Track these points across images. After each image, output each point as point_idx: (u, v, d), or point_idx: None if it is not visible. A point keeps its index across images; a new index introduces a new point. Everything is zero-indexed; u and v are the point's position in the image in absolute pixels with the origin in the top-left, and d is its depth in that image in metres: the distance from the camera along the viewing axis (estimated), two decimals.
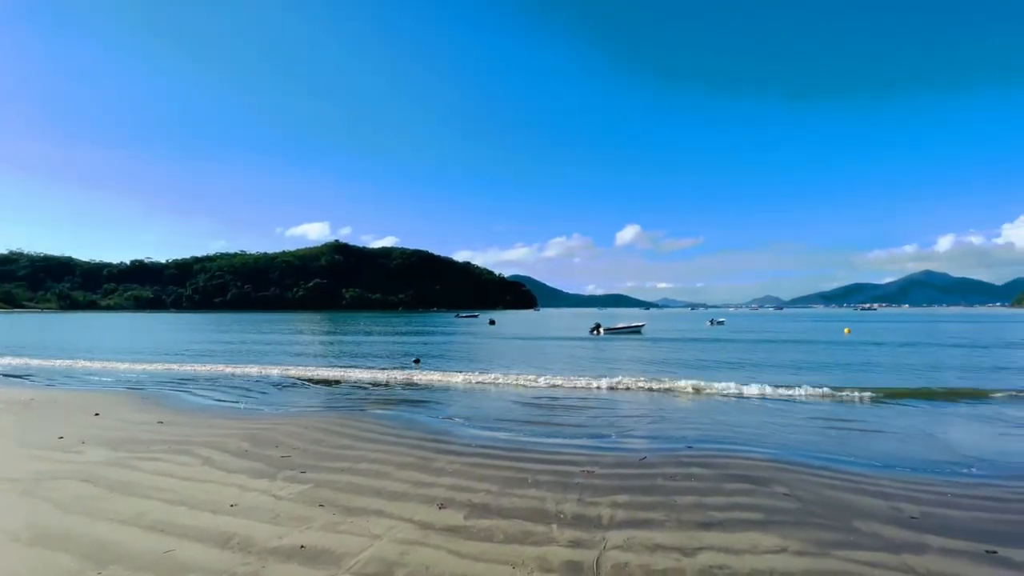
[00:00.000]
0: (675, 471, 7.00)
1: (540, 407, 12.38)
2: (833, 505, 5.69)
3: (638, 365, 21.27)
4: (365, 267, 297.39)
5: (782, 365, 21.25)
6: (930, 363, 21.34)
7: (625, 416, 11.29)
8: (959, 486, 6.51)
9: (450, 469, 7.12)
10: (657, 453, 8.03)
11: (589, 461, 7.55)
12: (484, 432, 9.62)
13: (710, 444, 8.61)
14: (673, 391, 14.52)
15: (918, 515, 5.42)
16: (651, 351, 27.95)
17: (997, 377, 17.32)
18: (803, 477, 6.73)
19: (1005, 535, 4.92)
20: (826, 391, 13.91)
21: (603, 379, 15.56)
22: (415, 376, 17.75)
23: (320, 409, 12.18)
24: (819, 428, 10.05)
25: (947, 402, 12.82)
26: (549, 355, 26.49)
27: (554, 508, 5.61)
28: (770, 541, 4.71)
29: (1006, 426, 10.23)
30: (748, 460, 7.54)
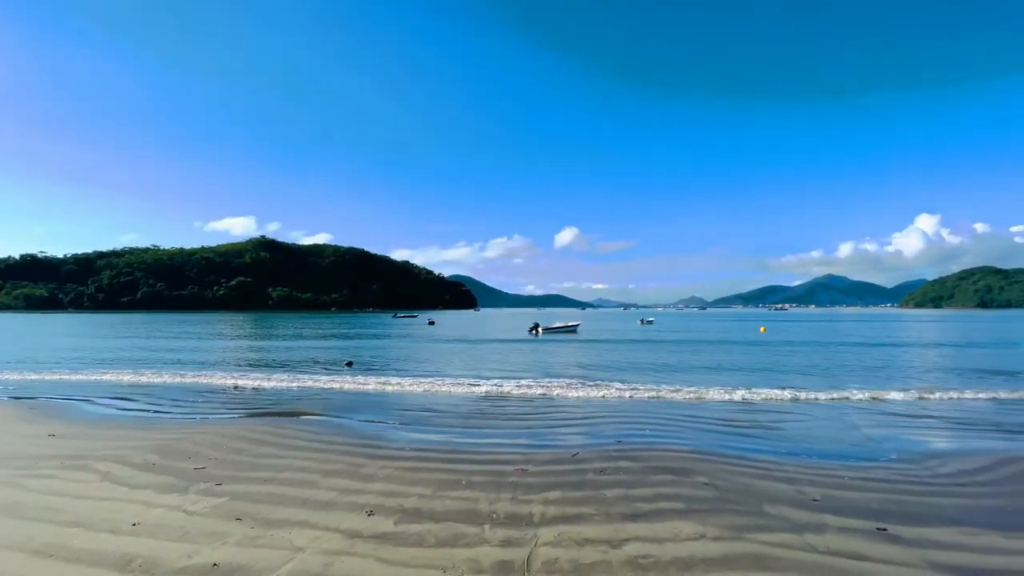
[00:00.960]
0: (605, 465, 7.23)
1: (476, 409, 12.35)
2: (747, 491, 6.11)
3: (574, 368, 21.77)
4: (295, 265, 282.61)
5: (704, 367, 22.58)
6: (832, 362, 23.59)
7: (560, 416, 11.51)
8: (855, 470, 7.22)
9: (381, 474, 6.91)
10: (589, 449, 8.25)
11: (523, 459, 7.62)
12: (419, 435, 9.44)
13: (638, 439, 8.97)
14: (606, 395, 15.00)
15: (819, 497, 5.94)
16: (586, 353, 28.71)
17: (885, 373, 19.43)
18: (720, 466, 7.18)
19: (893, 513, 5.49)
20: (743, 391, 14.95)
21: (540, 381, 15.81)
22: (347, 380, 17.13)
23: (242, 417, 11.42)
24: (735, 423, 10.78)
25: (846, 398, 14.17)
26: (487, 357, 26.52)
27: (487, 508, 5.60)
28: (690, 528, 4.98)
29: (896, 418, 11.49)
30: (672, 452, 7.94)
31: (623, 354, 27.20)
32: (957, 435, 9.45)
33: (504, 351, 28.93)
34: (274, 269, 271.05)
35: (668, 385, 15.49)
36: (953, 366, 21.03)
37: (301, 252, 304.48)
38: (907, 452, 8.18)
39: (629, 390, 14.75)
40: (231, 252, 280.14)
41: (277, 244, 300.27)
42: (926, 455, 7.96)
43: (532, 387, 15.31)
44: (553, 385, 15.56)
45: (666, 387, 15.12)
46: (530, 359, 24.83)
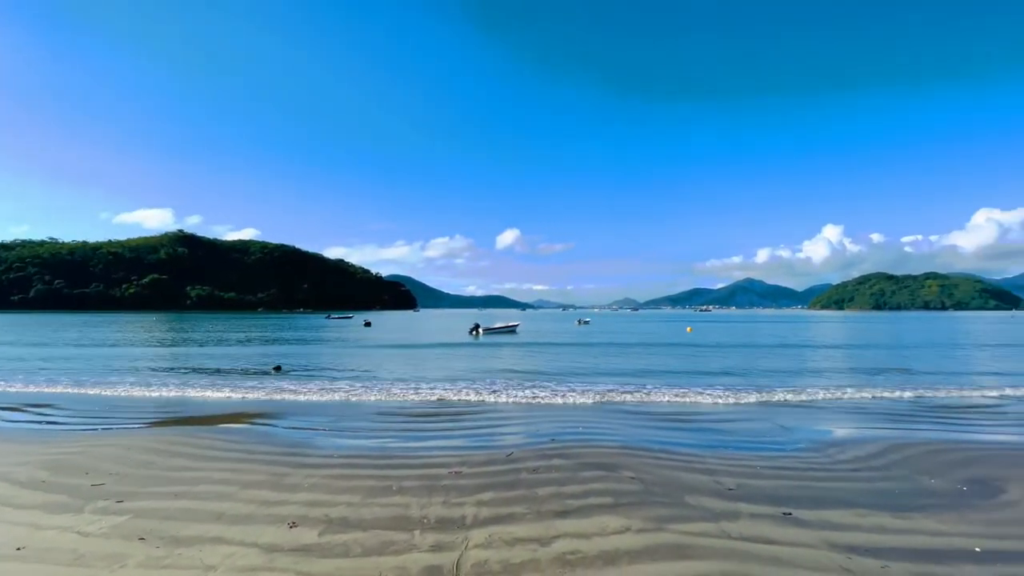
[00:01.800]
0: (538, 464, 7.32)
1: (412, 414, 12.11)
2: (670, 484, 6.41)
3: (512, 371, 21.92)
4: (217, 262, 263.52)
5: (636, 368, 23.55)
6: (751, 362, 25.39)
7: (497, 417, 11.52)
8: (767, 459, 7.77)
9: (307, 484, 6.58)
10: (524, 448, 8.32)
11: (458, 462, 7.54)
12: (349, 441, 9.10)
13: (571, 436, 9.16)
14: (543, 396, 15.22)
15: (734, 486, 6.35)
16: (525, 354, 28.98)
17: (798, 371, 21.19)
18: (646, 461, 7.49)
19: (798, 499, 5.96)
20: (671, 390, 15.73)
21: (477, 383, 15.76)
22: (274, 386, 16.22)
23: (151, 426, 10.49)
24: (663, 419, 11.31)
25: (765, 394, 15.27)
26: (425, 360, 26.09)
27: (418, 513, 5.49)
28: (617, 522, 5.14)
29: (806, 411, 12.53)
30: (603, 448, 8.18)
31: (560, 355, 27.71)
32: (856, 426, 10.43)
33: (443, 353, 28.59)
34: (193, 266, 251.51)
35: (603, 385, 16.04)
36: (855, 364, 23.33)
37: (224, 248, 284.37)
38: (813, 442, 8.94)
39: (565, 390, 15.06)
40: (144, 247, 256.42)
41: (197, 239, 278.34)
42: (828, 444, 8.73)
43: (469, 390, 15.23)
44: (491, 387, 15.59)
45: (601, 387, 15.60)
46: (469, 361, 24.70)
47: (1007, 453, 8.02)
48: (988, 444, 8.69)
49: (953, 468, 7.20)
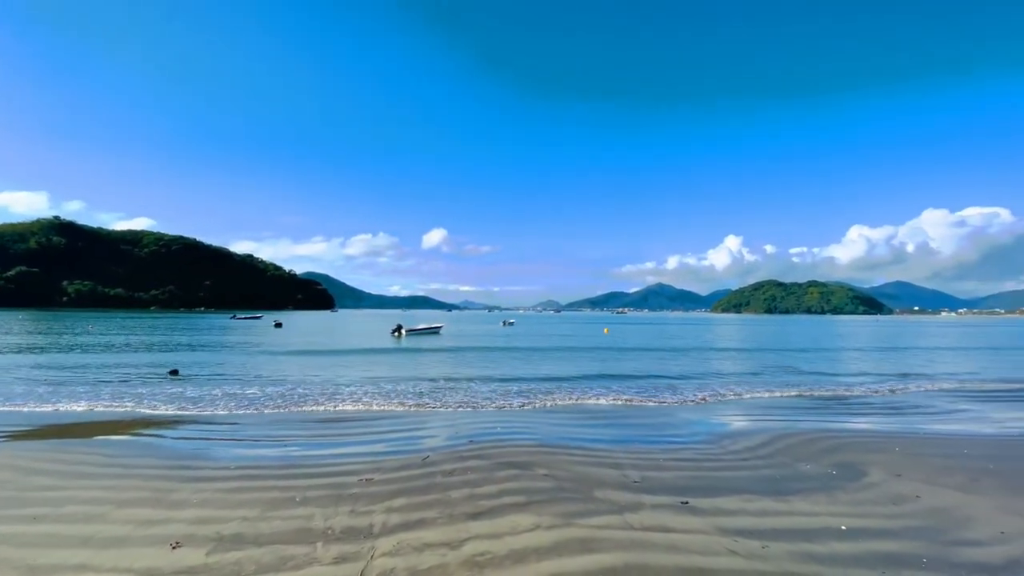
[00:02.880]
0: (454, 466, 7.23)
1: (323, 419, 11.51)
2: (581, 479, 6.61)
3: (431, 372, 21.62)
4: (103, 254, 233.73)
5: (556, 368, 24.16)
6: (663, 362, 27.03)
7: (414, 421, 11.26)
8: (669, 452, 8.27)
9: (196, 499, 6.00)
10: (440, 451, 8.19)
11: (370, 468, 7.26)
12: (249, 451, 8.44)
13: (489, 437, 9.17)
14: (463, 398, 15.12)
15: (639, 479, 6.68)
16: (447, 356, 28.70)
17: (703, 369, 22.87)
18: (561, 458, 7.68)
19: (694, 488, 6.39)
20: (588, 387, 16.29)
21: (396, 386, 15.30)
22: (167, 393, 14.70)
23: (10, 441, 9.05)
24: (579, 416, 11.69)
25: (673, 391, 16.27)
26: (341, 362, 24.94)
27: (322, 525, 5.19)
28: (528, 520, 5.21)
29: (709, 407, 13.49)
30: (519, 448, 8.27)
31: (483, 357, 27.75)
32: (748, 419, 11.42)
33: (361, 355, 27.50)
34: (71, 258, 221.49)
35: (523, 385, 16.29)
36: (750, 364, 25.63)
37: (112, 239, 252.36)
38: (710, 435, 9.65)
39: (486, 390, 15.08)
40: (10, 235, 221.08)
41: (77, 227, 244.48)
42: (722, 436, 9.47)
43: (387, 393, 14.78)
44: (410, 390, 15.24)
45: (521, 386, 15.81)
46: (388, 364, 23.97)
47: (870, 440, 9.15)
48: (855, 432, 9.89)
49: (825, 454, 8.10)
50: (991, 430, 10.09)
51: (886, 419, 11.30)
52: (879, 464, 7.49)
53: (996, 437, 9.45)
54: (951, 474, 6.99)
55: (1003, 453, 8.18)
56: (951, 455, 7.99)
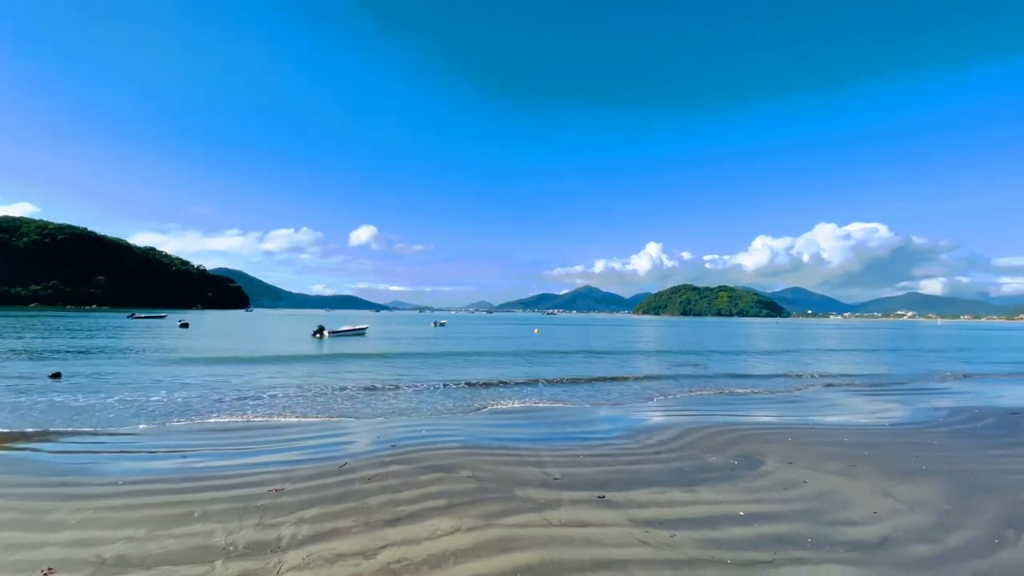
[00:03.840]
0: (374, 472, 6.98)
1: (230, 428, 10.69)
2: (503, 479, 6.64)
3: (354, 380, 20.84)
4: None
5: (484, 374, 24.19)
6: (589, 362, 27.92)
7: (333, 427, 10.77)
8: (590, 448, 8.53)
9: (75, 519, 5.33)
10: (360, 457, 7.87)
11: (281, 478, 6.82)
12: (142, 464, 7.63)
13: (413, 441, 8.96)
14: (387, 402, 14.70)
15: (560, 476, 6.82)
16: (370, 358, 27.81)
17: (623, 369, 23.89)
18: (484, 459, 7.66)
19: (611, 482, 6.63)
20: (516, 393, 16.44)
21: (313, 390, 14.52)
22: (47, 400, 12.95)
23: None
24: (505, 417, 11.75)
25: (596, 389, 16.81)
26: (254, 364, 23.32)
27: (223, 541, 4.80)
28: (448, 524, 5.13)
29: (629, 404, 14.07)
30: (443, 451, 8.15)
31: (411, 359, 27.18)
32: (663, 414, 12.06)
33: (276, 358, 25.88)
34: None
35: (451, 386, 16.12)
36: (668, 363, 27.13)
37: None
38: (628, 430, 10.08)
39: (411, 392, 14.75)
40: None
41: None
42: (639, 431, 9.93)
43: (303, 397, 14.02)
44: (330, 394, 14.56)
45: (450, 387, 15.64)
46: (307, 366, 22.75)
47: (767, 432, 9.99)
48: (755, 425, 10.75)
49: (729, 446, 8.73)
50: (866, 420, 11.39)
51: (782, 412, 12.41)
52: (774, 454, 8.20)
53: (870, 427, 10.68)
54: (833, 460, 7.80)
55: (876, 441, 9.26)
56: (834, 443, 8.92)
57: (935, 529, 5.25)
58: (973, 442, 9.19)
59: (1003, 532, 5.17)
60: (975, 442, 9.19)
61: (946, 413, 12.16)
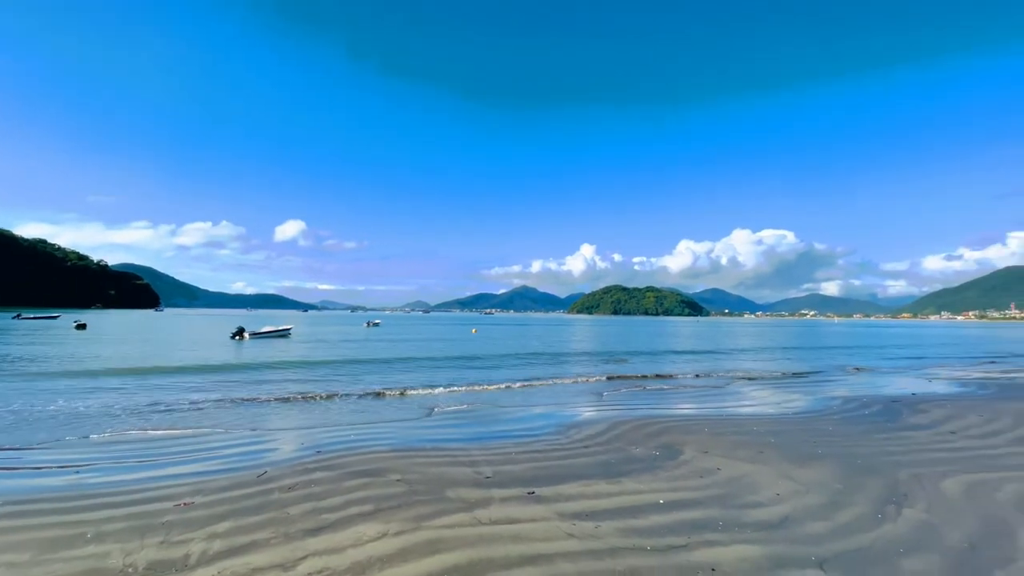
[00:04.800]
0: (296, 480, 6.65)
1: (132, 439, 9.76)
2: (434, 481, 6.56)
3: (274, 383, 19.77)
4: None
5: (417, 376, 23.81)
6: (524, 361, 28.25)
7: (252, 434, 10.13)
8: (522, 445, 8.64)
9: None
10: (281, 465, 7.46)
11: (191, 491, 6.32)
12: (26, 481, 6.79)
13: (340, 445, 8.63)
14: (312, 407, 14.08)
15: (491, 474, 6.85)
16: (297, 364, 26.48)
17: (560, 368, 24.39)
18: (416, 461, 7.53)
19: (540, 478, 6.75)
20: (449, 387, 16.32)
21: (228, 394, 13.58)
22: None
23: None
24: (438, 419, 11.61)
25: (528, 388, 17.03)
26: (161, 365, 21.43)
27: (121, 563, 4.37)
28: (374, 529, 4.99)
29: (561, 400, 14.37)
30: (372, 454, 7.92)
31: (340, 361, 26.17)
32: (594, 409, 12.46)
33: (190, 362, 23.94)
34: None
35: (382, 387, 15.71)
36: (600, 360, 28.05)
37: None
38: (560, 426, 10.32)
39: (337, 396, 14.21)
40: None
41: None
42: (570, 427, 10.20)
43: (218, 403, 13.09)
44: (248, 400, 13.70)
45: (379, 389, 15.23)
46: (223, 370, 21.23)
47: (687, 423, 10.60)
48: (677, 417, 11.38)
49: (652, 438, 9.18)
50: (773, 410, 12.41)
51: (701, 405, 13.23)
52: (692, 444, 8.72)
53: (776, 416, 11.64)
54: (744, 448, 8.42)
55: (781, 428, 10.10)
56: (745, 432, 9.64)
57: (828, 507, 5.81)
58: (861, 428, 10.28)
59: (885, 508, 5.81)
60: (863, 428, 10.28)
61: (840, 402, 13.52)
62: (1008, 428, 10.09)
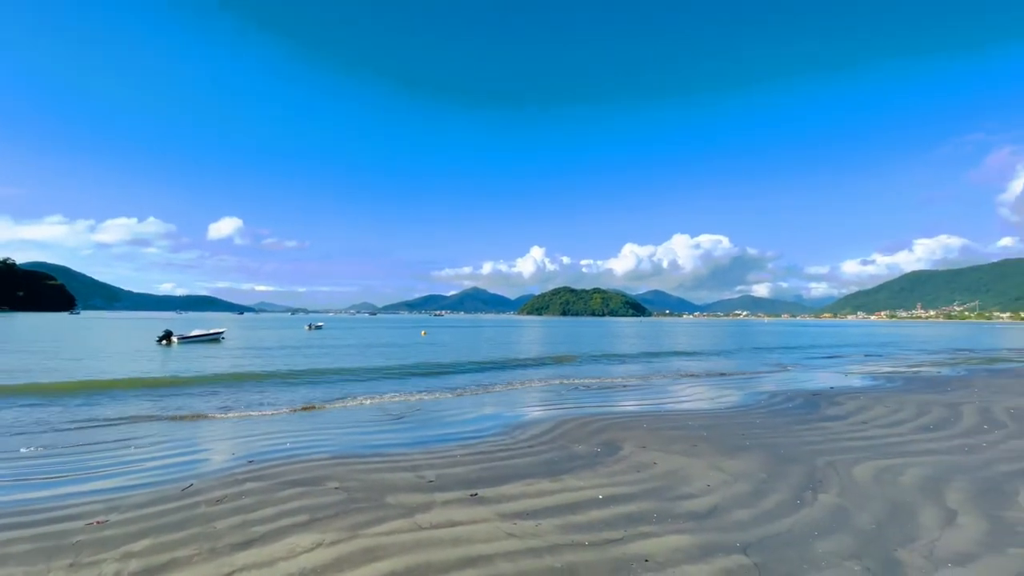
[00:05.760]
0: (225, 492, 6.29)
1: (34, 456, 8.90)
2: (374, 487, 6.40)
3: (205, 388, 18.67)
4: None
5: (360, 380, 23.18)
6: (475, 363, 28.12)
7: (176, 444, 9.48)
8: (467, 447, 8.60)
9: None
10: (208, 477, 7.03)
11: (105, 508, 5.83)
12: None
13: (276, 454, 8.24)
14: (246, 414, 13.38)
15: (434, 478, 6.78)
16: (230, 373, 25.07)
17: (513, 369, 24.46)
18: (355, 467, 7.33)
19: (485, 479, 6.75)
20: (394, 394, 16.00)
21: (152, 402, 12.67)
22: None
23: None
24: (379, 423, 11.36)
25: (476, 389, 16.96)
26: (74, 368, 19.63)
27: None
28: (309, 540, 4.81)
29: (509, 399, 14.41)
30: (310, 462, 7.63)
31: (276, 365, 25.02)
32: (540, 407, 12.62)
33: (108, 368, 22.07)
34: None
35: (322, 392, 15.19)
36: (550, 359, 28.41)
37: None
38: (506, 426, 10.37)
39: (271, 401, 13.59)
40: None
41: None
42: (515, 427, 10.28)
43: (140, 412, 12.18)
44: (174, 408, 12.83)
45: (319, 394, 14.71)
46: (146, 376, 19.72)
47: (627, 420, 10.95)
48: (618, 414, 11.73)
49: (594, 435, 9.41)
50: (707, 405, 13.06)
51: (641, 401, 13.71)
52: (631, 439, 9.02)
53: (710, 410, 12.26)
54: (679, 442, 8.81)
55: (714, 423, 10.64)
56: (680, 427, 10.08)
57: (753, 496, 6.18)
58: (785, 420, 11.01)
59: (803, 494, 6.25)
60: (786, 420, 11.02)
61: (767, 396, 14.44)
62: (911, 417, 11.13)
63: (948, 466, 7.39)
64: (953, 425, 10.28)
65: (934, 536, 4.99)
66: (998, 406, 12.28)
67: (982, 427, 10.07)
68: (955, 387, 16.00)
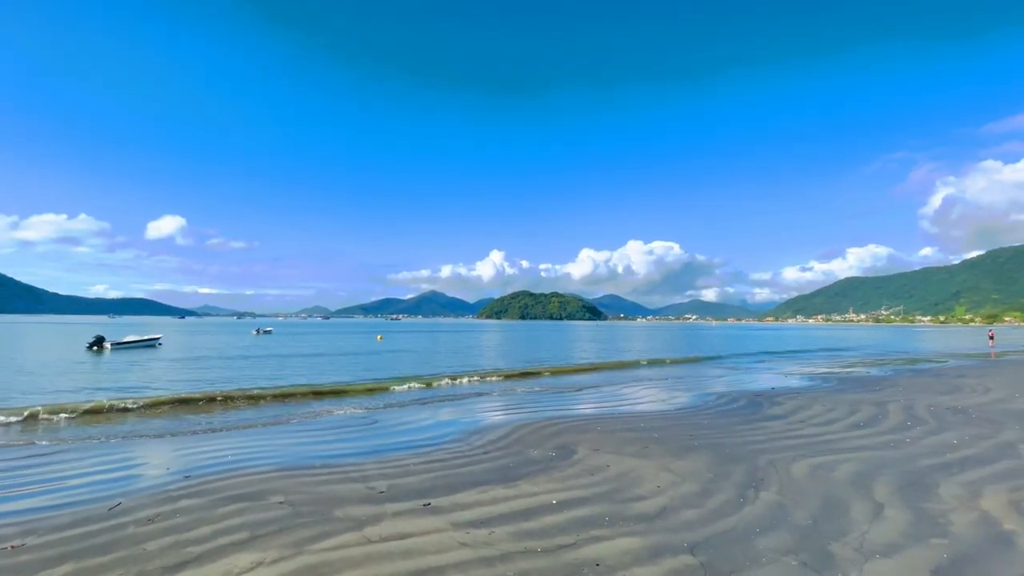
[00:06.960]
0: (157, 511, 5.87)
1: None
2: (322, 501, 6.16)
3: (140, 396, 17.54)
4: None
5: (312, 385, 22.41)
6: (430, 365, 27.69)
7: (101, 463, 8.81)
8: (421, 455, 8.44)
9: None
10: (139, 495, 6.56)
11: (21, 531, 5.33)
12: None
13: (214, 468, 7.80)
14: (182, 429, 12.63)
15: (385, 488, 6.60)
16: (169, 382, 23.61)
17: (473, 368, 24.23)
18: (302, 480, 7.03)
19: (438, 488, 6.63)
20: (345, 405, 15.52)
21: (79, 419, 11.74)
22: None
23: None
24: (327, 433, 10.98)
25: (432, 393, 16.71)
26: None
27: None
28: (248, 559, 4.56)
29: (467, 405, 14.25)
30: (251, 475, 7.26)
31: (218, 375, 23.80)
32: (497, 413, 12.57)
33: (26, 378, 20.29)
34: None
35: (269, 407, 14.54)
36: (507, 364, 28.37)
37: None
38: (462, 432, 10.27)
39: (215, 414, 12.90)
40: None
41: None
42: (471, 433, 10.19)
43: (62, 426, 11.26)
44: (102, 421, 11.94)
45: (266, 408, 14.08)
46: (73, 386, 18.27)
47: (582, 423, 11.09)
48: (573, 417, 11.85)
49: (549, 439, 9.46)
50: (659, 407, 13.43)
51: (595, 404, 13.94)
52: (585, 443, 9.13)
53: (661, 412, 12.60)
54: (631, 444, 8.99)
55: (664, 424, 10.94)
56: (633, 429, 10.30)
57: (700, 495, 6.38)
58: (730, 420, 11.46)
59: (746, 492, 6.51)
60: (731, 420, 11.48)
61: (714, 398, 15.00)
62: (844, 416, 11.85)
63: (876, 461, 7.90)
64: (881, 422, 11.02)
65: (864, 529, 5.30)
66: (920, 404, 13.27)
67: (906, 424, 10.84)
68: (883, 387, 17.19)
